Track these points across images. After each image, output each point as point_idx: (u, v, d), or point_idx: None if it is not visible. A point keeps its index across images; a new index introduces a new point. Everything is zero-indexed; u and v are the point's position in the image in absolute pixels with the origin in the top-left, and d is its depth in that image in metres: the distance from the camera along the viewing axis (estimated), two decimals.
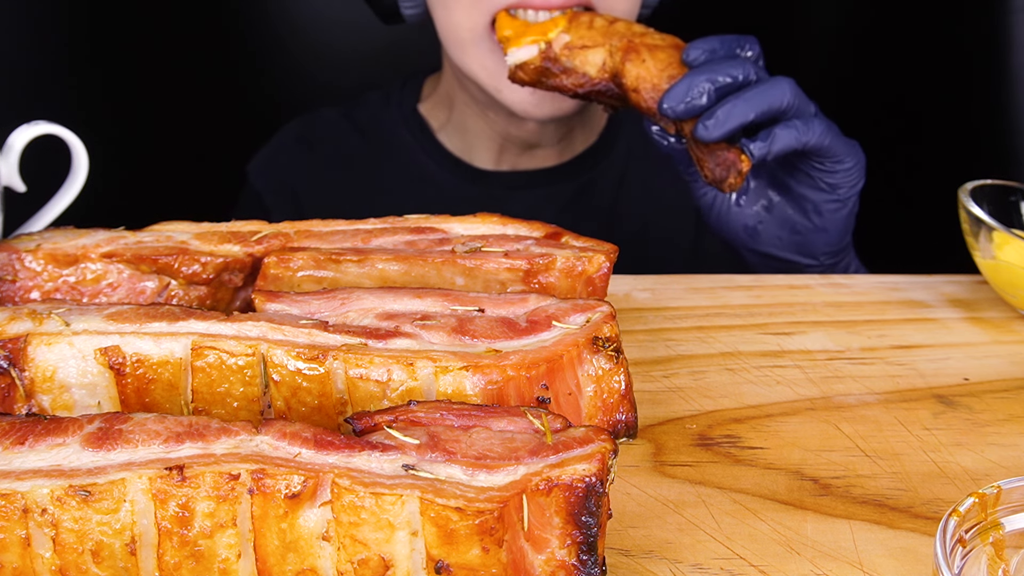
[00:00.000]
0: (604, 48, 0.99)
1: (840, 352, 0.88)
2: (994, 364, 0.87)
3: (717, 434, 0.78)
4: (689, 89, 0.94)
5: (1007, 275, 0.92)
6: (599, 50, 0.99)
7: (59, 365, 0.69)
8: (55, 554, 0.56)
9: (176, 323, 0.70)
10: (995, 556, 0.61)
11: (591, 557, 0.57)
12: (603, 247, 0.80)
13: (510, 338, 0.70)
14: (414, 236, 0.82)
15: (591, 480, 0.56)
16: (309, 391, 0.68)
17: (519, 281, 0.78)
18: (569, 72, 1.00)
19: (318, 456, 0.58)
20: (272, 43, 1.80)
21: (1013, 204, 0.99)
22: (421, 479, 0.56)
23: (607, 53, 0.99)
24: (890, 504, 0.70)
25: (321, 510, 0.57)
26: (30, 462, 0.58)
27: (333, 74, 1.77)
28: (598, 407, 0.72)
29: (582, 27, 1.01)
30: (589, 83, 1.00)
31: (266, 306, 0.73)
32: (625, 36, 1.00)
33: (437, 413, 0.61)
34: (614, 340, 0.71)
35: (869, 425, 0.79)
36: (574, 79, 1.01)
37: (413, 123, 1.38)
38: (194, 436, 0.59)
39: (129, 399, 0.69)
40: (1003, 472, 0.74)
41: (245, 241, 0.82)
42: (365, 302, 0.73)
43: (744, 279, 1.00)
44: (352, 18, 1.68)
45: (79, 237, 0.82)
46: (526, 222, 0.84)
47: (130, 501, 0.56)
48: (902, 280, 1.02)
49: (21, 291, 0.80)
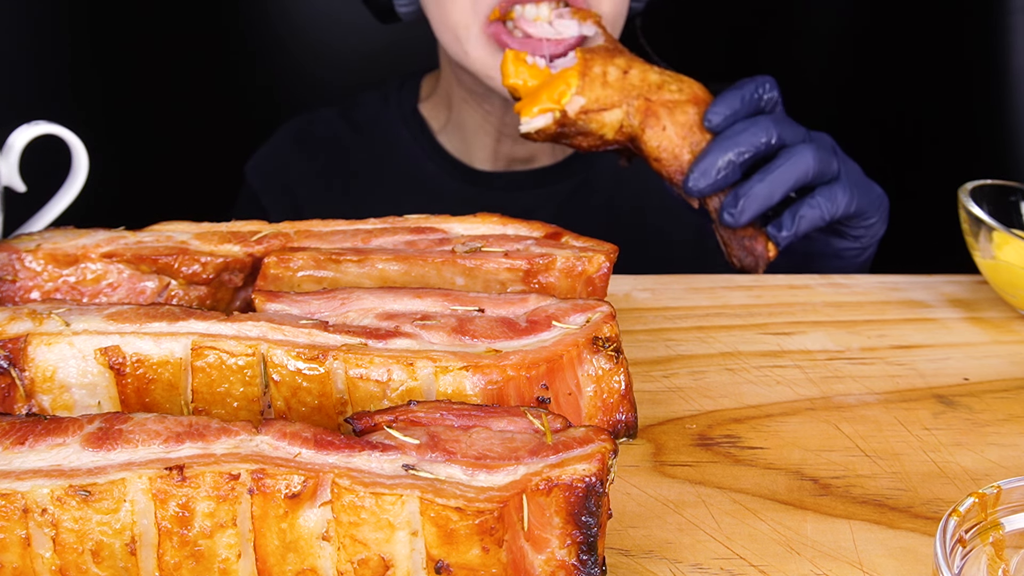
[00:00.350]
0: (621, 109, 0.96)
1: (840, 352, 0.88)
2: (994, 364, 0.87)
3: (717, 434, 0.78)
4: (715, 168, 0.92)
5: (1007, 275, 0.92)
6: (615, 111, 0.96)
7: (59, 365, 0.69)
8: (55, 554, 0.56)
9: (176, 323, 0.70)
10: (995, 556, 0.61)
11: (591, 557, 0.57)
12: (603, 247, 0.80)
13: (510, 338, 0.70)
14: (414, 236, 0.82)
15: (591, 480, 0.56)
16: (309, 391, 0.68)
17: (519, 281, 0.78)
18: (586, 135, 0.97)
19: (318, 456, 0.58)
20: (272, 43, 1.80)
21: (1013, 204, 0.99)
22: (421, 479, 0.56)
23: (624, 114, 0.96)
24: (890, 504, 0.70)
25: (321, 510, 0.57)
26: (30, 462, 0.58)
27: (333, 74, 1.77)
28: (598, 407, 0.72)
29: (596, 84, 0.96)
30: (605, 144, 0.98)
31: (266, 306, 0.73)
32: (641, 92, 0.96)
33: (437, 413, 0.61)
34: (614, 340, 0.71)
35: (869, 425, 0.79)
36: (591, 141, 0.97)
37: (413, 123, 1.38)
38: (194, 436, 0.59)
39: (129, 399, 0.69)
40: (1003, 472, 0.74)
41: (245, 241, 0.82)
42: (365, 302, 0.73)
43: (744, 279, 1.00)
44: (351, 18, 1.68)
45: (79, 237, 0.82)
46: (526, 222, 0.84)
47: (130, 501, 0.56)
48: (902, 280, 1.02)
49: (21, 291, 0.80)
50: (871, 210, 0.99)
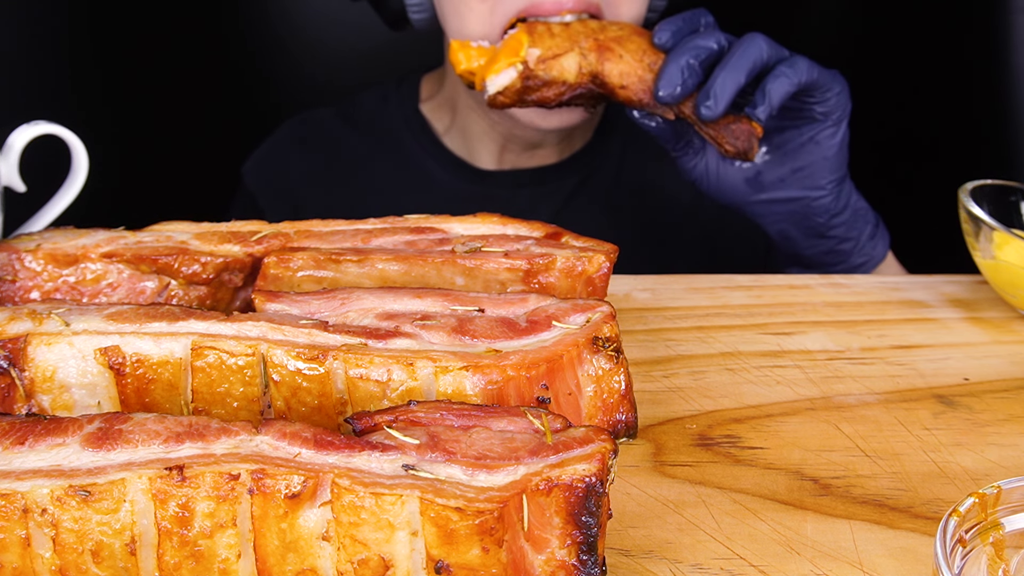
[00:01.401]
0: (575, 52, 1.01)
1: (840, 352, 0.88)
2: (994, 364, 0.87)
3: (717, 434, 0.78)
4: (678, 72, 0.98)
5: (1007, 275, 0.92)
6: (571, 55, 1.01)
7: (59, 365, 0.69)
8: (55, 554, 0.56)
9: (176, 323, 0.70)
10: (995, 556, 0.61)
11: (591, 557, 0.57)
12: (603, 247, 0.80)
13: (510, 338, 0.70)
14: (414, 236, 0.82)
15: (591, 480, 0.56)
16: (309, 391, 0.68)
17: (519, 281, 0.78)
18: (549, 84, 1.01)
19: (318, 456, 0.58)
20: (272, 43, 1.80)
21: (1013, 204, 0.99)
22: (421, 479, 0.56)
23: (580, 56, 1.01)
24: (890, 504, 0.70)
25: (321, 510, 0.57)
26: (30, 462, 0.58)
27: (332, 74, 1.77)
28: (598, 407, 0.72)
29: (545, 37, 1.01)
30: (569, 89, 1.02)
31: (266, 306, 0.73)
32: (589, 36, 1.02)
33: (437, 413, 0.61)
34: (614, 340, 0.71)
35: (869, 425, 0.79)
36: (555, 89, 1.02)
37: (415, 123, 1.38)
38: (194, 436, 0.59)
39: (129, 399, 0.69)
40: (1003, 472, 0.74)
41: (245, 241, 0.82)
42: (365, 302, 0.73)
43: (744, 279, 1.00)
44: (351, 18, 1.68)
45: (79, 237, 0.82)
46: (526, 222, 0.84)
47: (130, 501, 0.56)
48: (902, 280, 1.02)
49: (21, 291, 0.80)
50: (831, 81, 1.02)
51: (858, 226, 1.11)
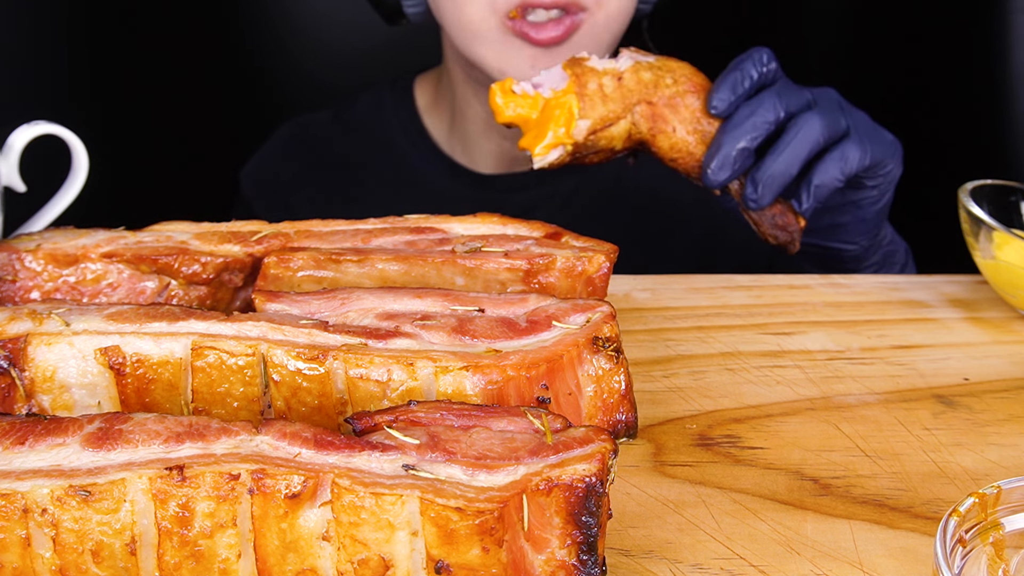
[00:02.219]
0: (626, 119, 0.94)
1: (840, 352, 0.88)
2: (994, 364, 0.87)
3: (717, 434, 0.78)
4: (728, 159, 0.92)
5: (1007, 275, 0.92)
6: (622, 122, 0.94)
7: (59, 365, 0.69)
8: (55, 554, 0.56)
9: (176, 323, 0.70)
10: (995, 556, 0.61)
11: (591, 557, 0.57)
12: (603, 247, 0.80)
13: (510, 338, 0.70)
14: (414, 236, 0.82)
15: (591, 480, 0.56)
16: (309, 391, 0.68)
17: (519, 281, 0.78)
18: (597, 152, 0.96)
19: (318, 456, 0.58)
20: (271, 43, 1.80)
21: (1013, 204, 0.99)
22: (421, 479, 0.56)
23: (630, 124, 0.95)
24: (890, 504, 0.70)
25: (321, 510, 0.57)
26: (30, 462, 0.58)
27: (332, 74, 1.77)
28: (598, 407, 0.72)
29: (596, 101, 0.94)
30: (615, 155, 0.97)
31: (266, 306, 0.73)
32: (641, 96, 0.94)
33: (437, 413, 0.61)
34: (614, 340, 0.71)
35: (869, 425, 0.79)
36: (602, 155, 0.97)
37: (412, 129, 1.38)
38: (194, 436, 0.59)
39: (129, 399, 0.69)
40: (1003, 472, 0.74)
41: (245, 241, 0.82)
42: (365, 302, 0.73)
43: (744, 279, 1.00)
44: (351, 18, 1.68)
45: (79, 237, 0.82)
46: (526, 222, 0.84)
47: (130, 501, 0.56)
48: (902, 280, 1.02)
49: (21, 291, 0.80)
50: (885, 158, 0.98)
51: (886, 268, 1.10)
